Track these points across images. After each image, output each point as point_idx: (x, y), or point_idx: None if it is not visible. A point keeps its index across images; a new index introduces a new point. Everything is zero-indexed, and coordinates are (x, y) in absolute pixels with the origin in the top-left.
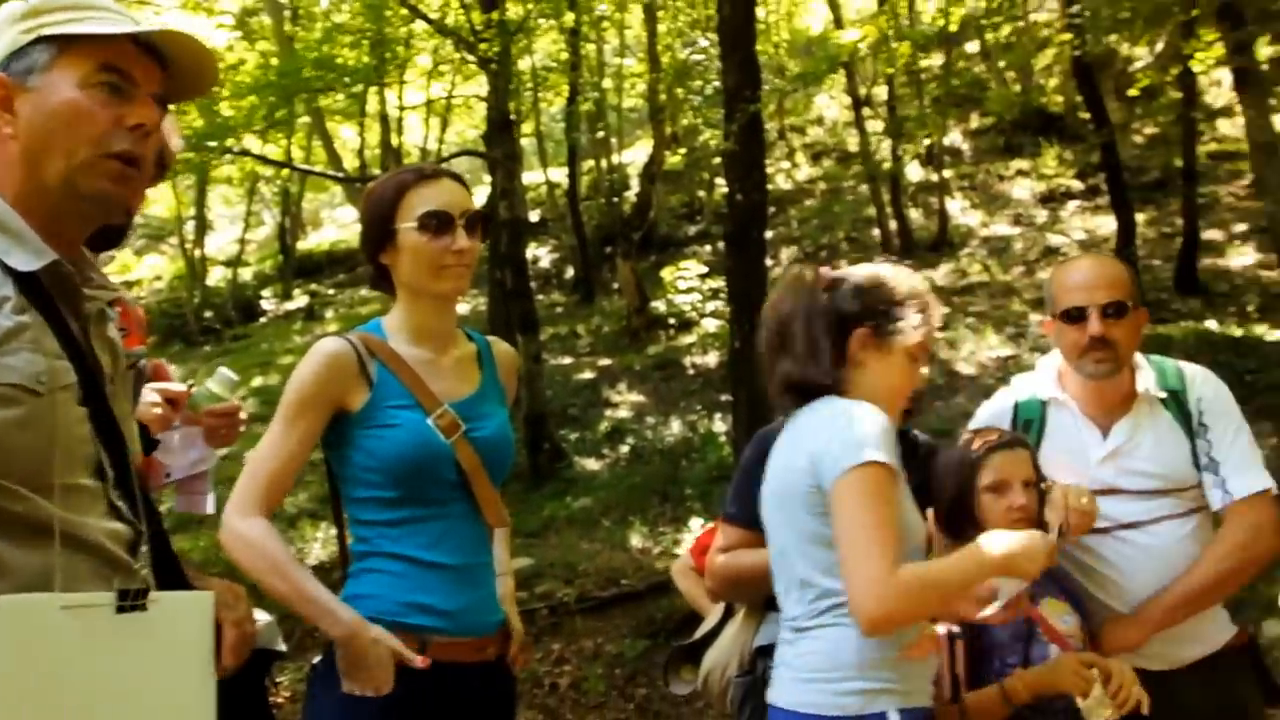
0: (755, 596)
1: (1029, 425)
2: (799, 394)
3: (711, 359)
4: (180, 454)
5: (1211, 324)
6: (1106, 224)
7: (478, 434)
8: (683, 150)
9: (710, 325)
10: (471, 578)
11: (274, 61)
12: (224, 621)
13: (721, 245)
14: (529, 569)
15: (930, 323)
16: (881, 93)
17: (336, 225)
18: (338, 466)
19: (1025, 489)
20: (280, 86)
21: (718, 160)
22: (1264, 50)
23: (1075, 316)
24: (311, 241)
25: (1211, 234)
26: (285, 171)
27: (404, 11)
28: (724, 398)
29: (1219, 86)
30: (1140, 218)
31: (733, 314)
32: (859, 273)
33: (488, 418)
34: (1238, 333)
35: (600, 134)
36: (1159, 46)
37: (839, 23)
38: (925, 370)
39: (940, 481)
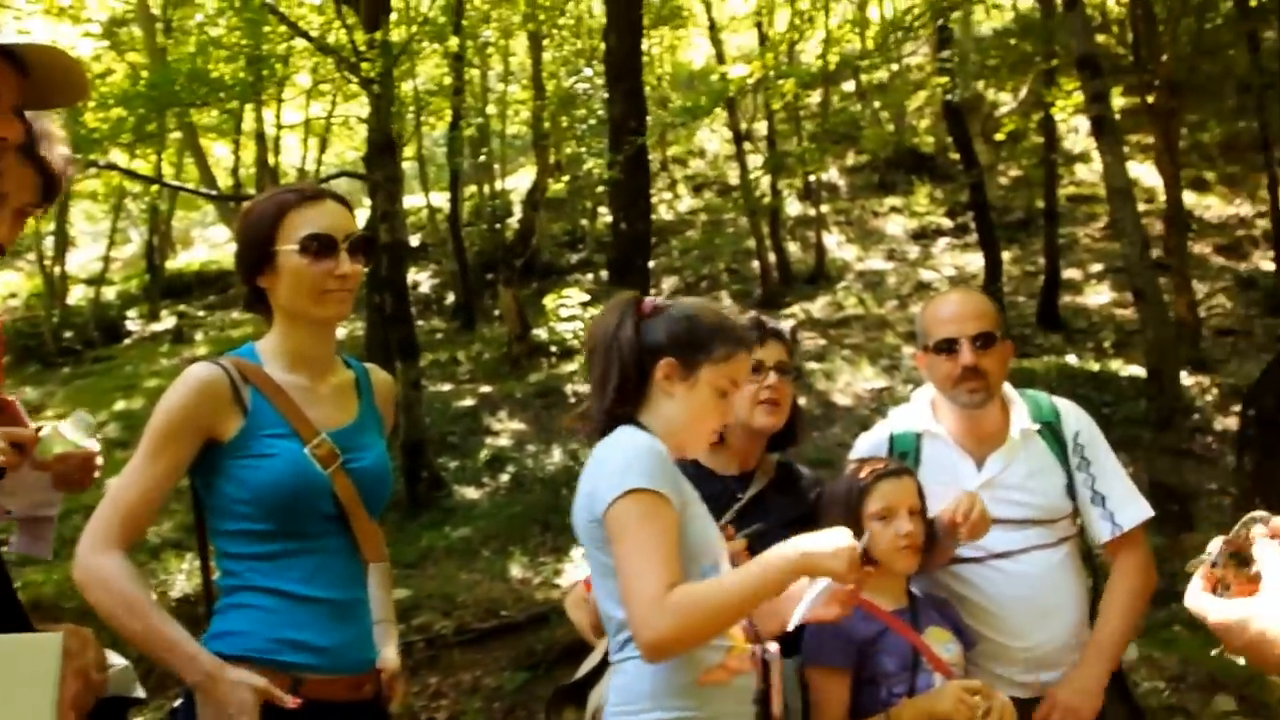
0: None
1: (904, 457)
2: (595, 425)
3: None
4: (23, 496)
5: (1071, 358)
6: (975, 261)
7: (356, 465)
8: (566, 178)
9: None
10: (347, 613)
11: (144, 74)
12: (66, 671)
13: (604, 274)
14: (406, 600)
15: (741, 360)
16: (762, 128)
17: (208, 245)
18: (206, 497)
19: (911, 517)
20: (151, 99)
21: (601, 189)
22: (1118, 100)
23: (947, 348)
24: (181, 261)
25: (1071, 272)
26: (154, 188)
27: (283, 28)
28: None
29: (1076, 133)
30: (1006, 255)
31: None
32: (679, 305)
33: (366, 448)
34: (1095, 367)
35: (483, 159)
36: (1023, 93)
37: (721, 58)
38: (766, 412)
39: (828, 510)
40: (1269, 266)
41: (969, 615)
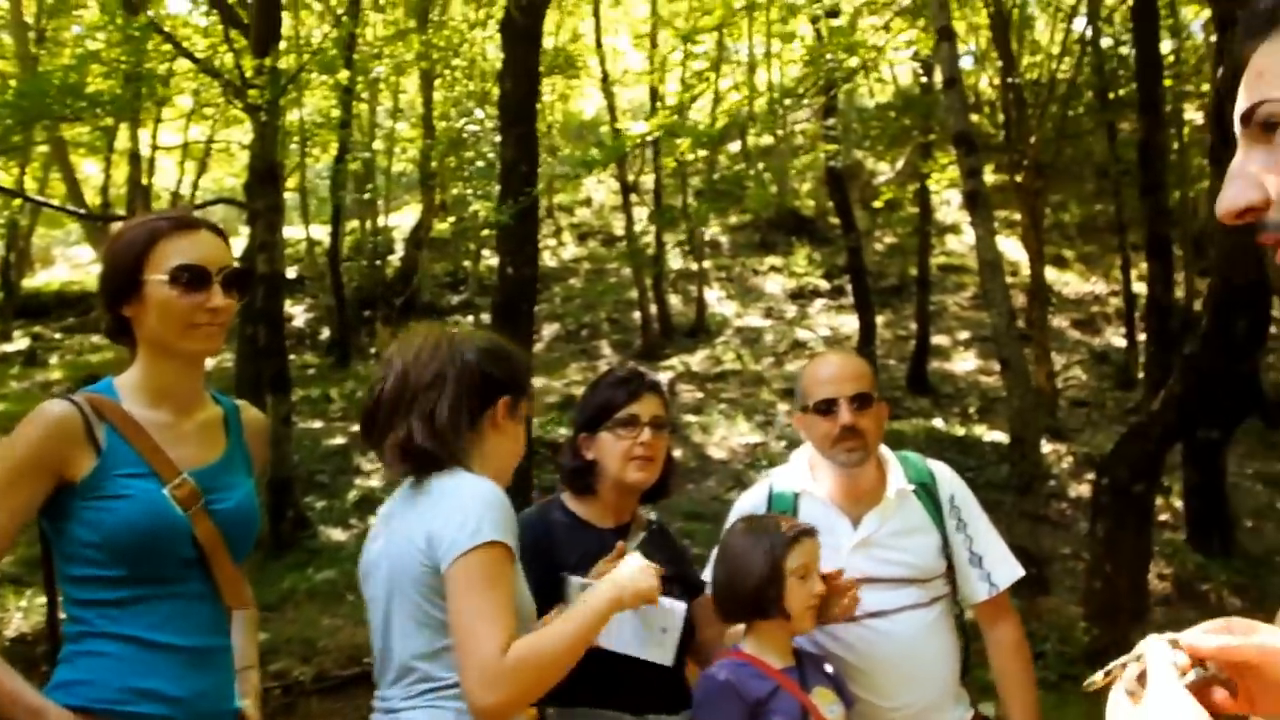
0: None
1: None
2: (418, 460)
3: None
4: None
5: (938, 422)
6: (849, 322)
7: (219, 506)
8: (451, 219)
9: None
10: (205, 661)
11: (13, 83)
12: None
13: (485, 316)
14: (263, 645)
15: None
16: (649, 181)
17: (70, 264)
18: (55, 540)
19: (818, 578)
20: (18, 108)
21: (486, 232)
22: (989, 177)
23: (826, 408)
24: (40, 279)
25: (940, 339)
26: (16, 202)
27: (167, 47)
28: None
29: (949, 205)
30: (879, 319)
31: None
32: (491, 340)
33: (232, 489)
34: (960, 431)
35: (367, 195)
36: (900, 164)
37: (613, 111)
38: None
39: (739, 564)
40: (1120, 342)
41: (843, 674)
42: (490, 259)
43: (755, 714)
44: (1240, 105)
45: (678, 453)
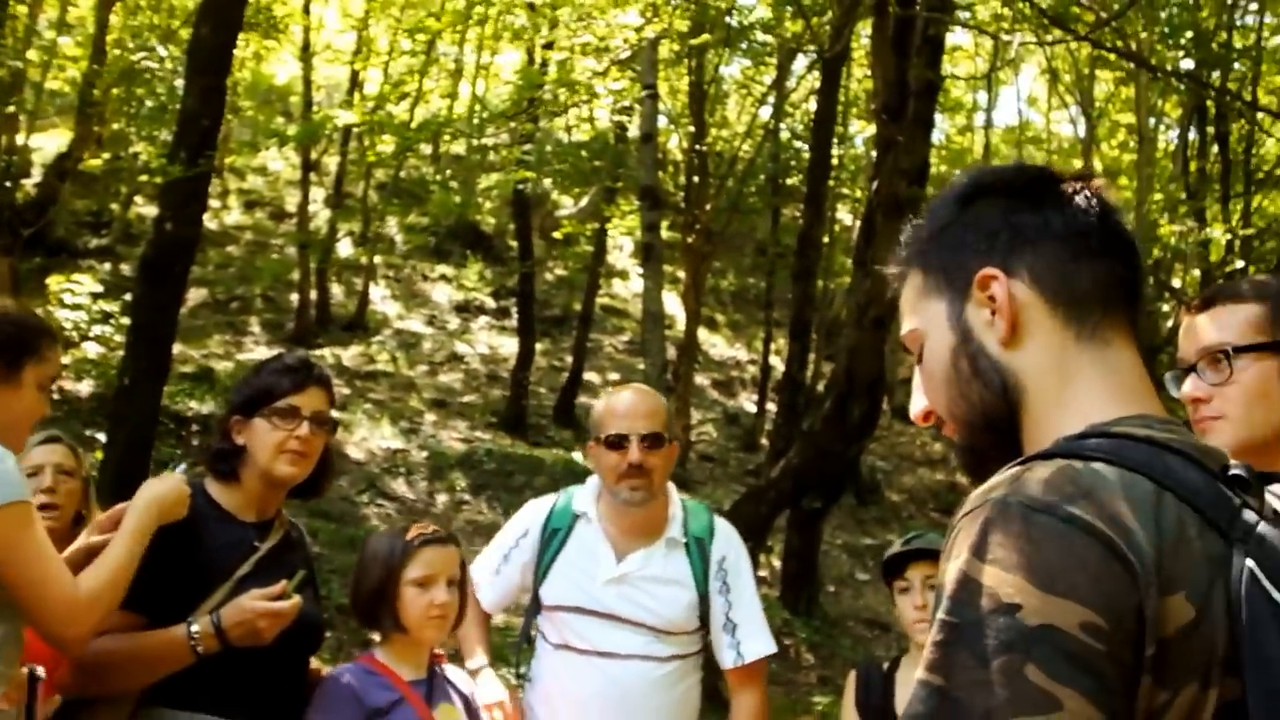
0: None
1: (556, 532)
2: None
3: (85, 387)
4: None
5: (578, 455)
6: (510, 344)
7: None
8: (107, 155)
9: (93, 350)
10: None
11: None
12: None
13: (124, 266)
14: None
15: (56, 356)
16: (332, 162)
17: None
18: None
19: (449, 587)
20: None
21: (145, 178)
22: (664, 233)
23: (616, 443)
24: None
25: (591, 375)
26: None
27: None
28: (92, 433)
29: (621, 251)
30: (539, 346)
31: (129, 346)
32: None
33: None
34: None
35: (11, 109)
36: (584, 202)
37: (308, 84)
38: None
39: (368, 566)
40: (751, 408)
41: (551, 701)
42: (142, 206)
43: None
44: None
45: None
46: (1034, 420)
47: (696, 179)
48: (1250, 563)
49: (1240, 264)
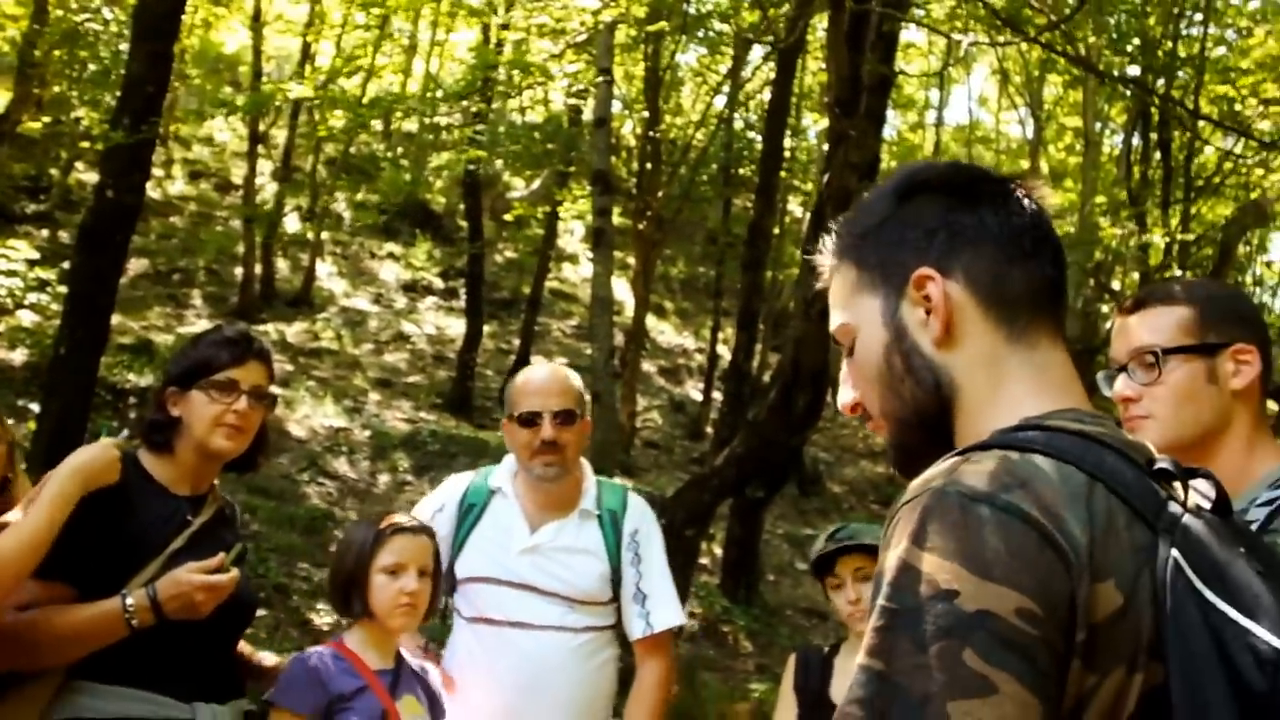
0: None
1: (472, 508)
2: None
3: (19, 356)
4: None
5: None
6: (457, 325)
7: None
8: (47, 118)
9: (28, 318)
10: None
11: None
12: None
13: (64, 233)
14: None
15: None
16: (280, 135)
17: None
18: None
19: (420, 577)
20: None
21: (86, 144)
22: (615, 219)
23: (529, 420)
24: None
25: (538, 358)
26: None
27: None
28: (25, 403)
29: (572, 235)
30: (486, 329)
31: (66, 315)
32: None
33: None
34: None
35: None
36: (536, 184)
37: (258, 53)
38: None
39: (336, 558)
40: (697, 396)
41: (465, 674)
42: (83, 172)
43: (333, 707)
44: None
45: None
46: (967, 417)
47: (649, 165)
48: (1175, 553)
49: (1178, 270)
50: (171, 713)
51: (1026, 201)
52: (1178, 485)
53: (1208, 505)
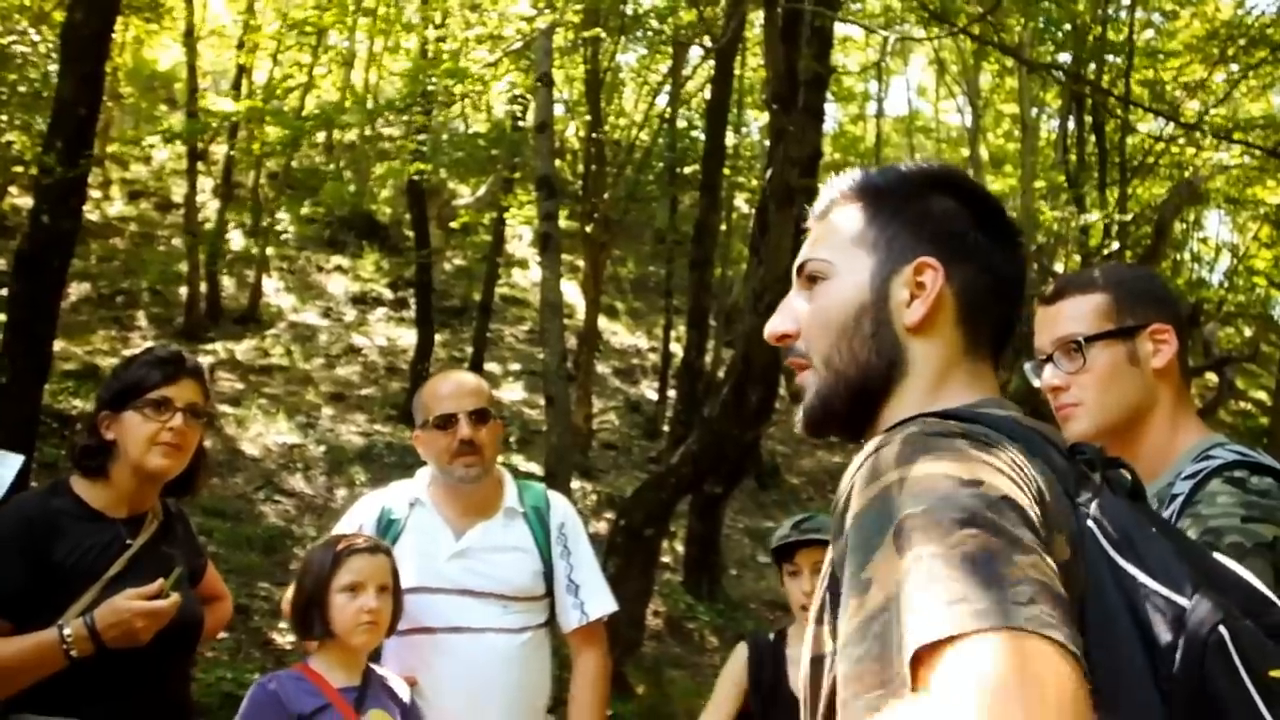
0: None
1: (392, 524)
2: None
3: None
4: None
5: None
6: (408, 336)
7: None
8: None
9: None
10: None
11: None
12: None
13: (1, 261)
14: None
15: None
16: (219, 151)
17: None
18: None
19: (380, 594)
20: None
21: (19, 169)
22: (561, 222)
23: (445, 423)
24: None
25: (492, 366)
26: None
27: None
28: None
29: (520, 240)
30: (438, 338)
31: (6, 344)
32: None
33: None
34: (499, 459)
35: None
36: (482, 190)
37: (193, 70)
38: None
39: (298, 581)
40: (652, 395)
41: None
42: (16, 197)
43: None
44: (798, 259)
45: (209, 443)
46: (900, 402)
47: (594, 167)
48: (1091, 524)
49: (1116, 246)
50: None
51: (1023, 255)
52: (1096, 472)
53: (1124, 490)
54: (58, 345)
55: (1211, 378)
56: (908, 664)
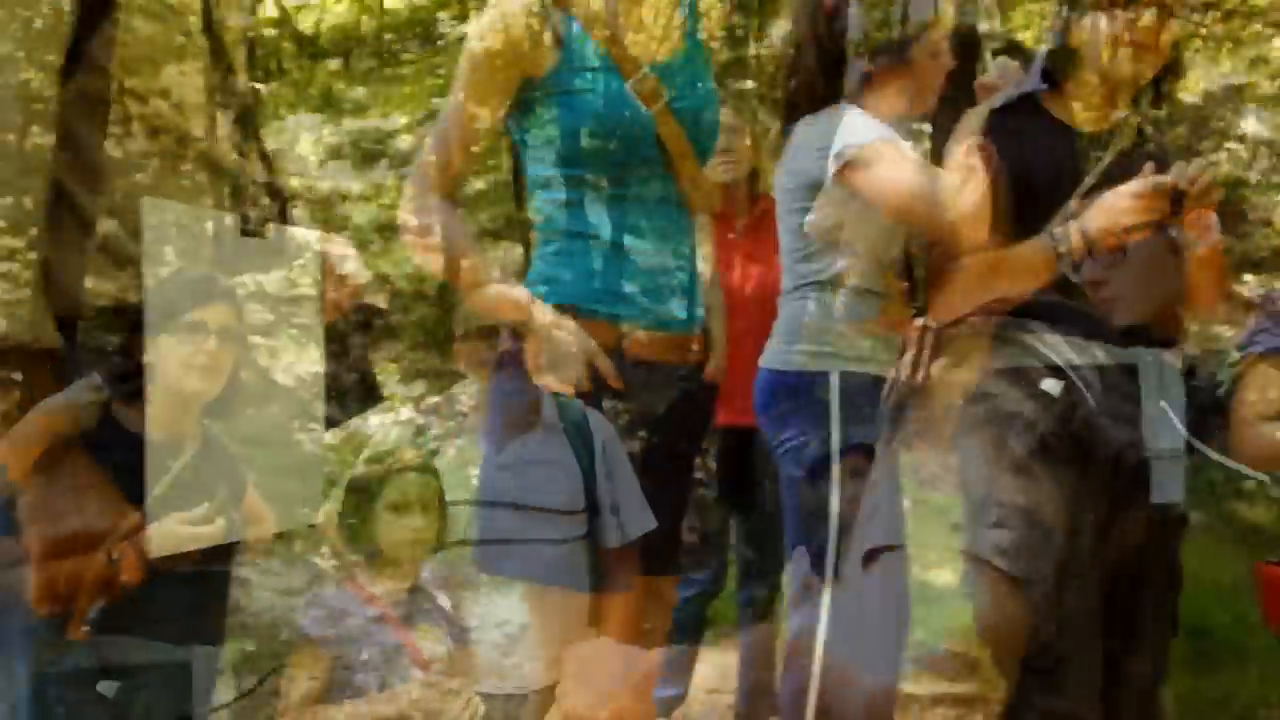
0: None
1: None
2: None
3: None
4: None
5: None
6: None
7: (681, 104)
8: None
9: None
10: (666, 267)
11: None
12: None
13: (29, 200)
14: None
15: None
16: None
17: None
18: (520, 138)
19: (424, 514)
20: None
21: (40, 106)
22: None
23: (488, 334)
24: None
25: None
26: None
27: None
28: (7, 374)
29: None
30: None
31: (36, 282)
32: None
33: (694, 85)
34: None
35: None
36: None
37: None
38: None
39: (346, 495)
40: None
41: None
42: (40, 138)
43: (348, 638)
44: None
45: (242, 374)
46: None
47: None
48: None
49: None
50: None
51: None
52: None
53: None
54: (89, 281)
55: None
56: None
